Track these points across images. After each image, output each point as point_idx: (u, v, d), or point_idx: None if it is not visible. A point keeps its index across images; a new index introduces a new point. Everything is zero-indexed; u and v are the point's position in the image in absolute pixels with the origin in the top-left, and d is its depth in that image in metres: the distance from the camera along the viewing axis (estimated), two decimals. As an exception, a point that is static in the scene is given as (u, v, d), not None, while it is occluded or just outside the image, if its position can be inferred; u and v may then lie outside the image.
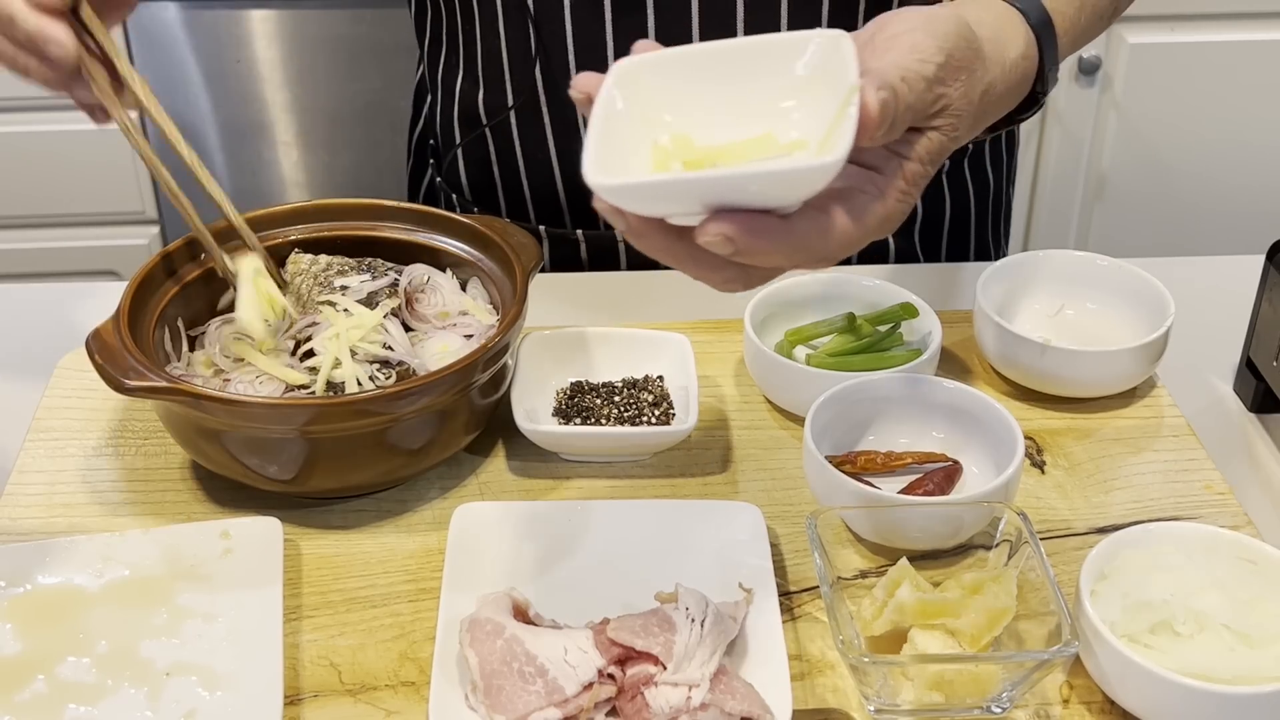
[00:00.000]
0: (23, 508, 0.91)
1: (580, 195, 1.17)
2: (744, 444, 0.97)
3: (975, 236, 1.26)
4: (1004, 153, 1.27)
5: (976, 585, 0.79)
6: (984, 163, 1.24)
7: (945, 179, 1.21)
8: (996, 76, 0.77)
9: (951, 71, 0.72)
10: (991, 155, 1.25)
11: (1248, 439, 0.98)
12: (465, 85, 1.18)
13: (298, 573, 0.86)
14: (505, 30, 1.11)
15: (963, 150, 1.21)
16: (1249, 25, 2.11)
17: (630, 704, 0.74)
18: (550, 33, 1.09)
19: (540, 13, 1.08)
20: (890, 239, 1.20)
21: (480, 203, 1.22)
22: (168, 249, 0.95)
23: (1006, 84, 0.79)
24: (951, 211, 1.23)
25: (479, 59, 1.15)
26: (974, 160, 1.23)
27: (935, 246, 1.24)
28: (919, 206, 1.20)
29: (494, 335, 0.90)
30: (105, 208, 2.17)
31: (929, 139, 0.72)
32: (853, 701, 0.78)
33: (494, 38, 1.13)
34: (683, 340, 0.99)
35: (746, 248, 0.66)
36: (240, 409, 0.84)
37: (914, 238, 1.22)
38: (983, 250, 1.28)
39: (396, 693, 0.78)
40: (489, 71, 1.15)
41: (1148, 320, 1.01)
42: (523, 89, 1.13)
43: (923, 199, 1.19)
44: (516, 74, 1.13)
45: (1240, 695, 0.72)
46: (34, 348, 1.06)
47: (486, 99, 1.16)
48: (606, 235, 1.18)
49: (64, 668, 0.78)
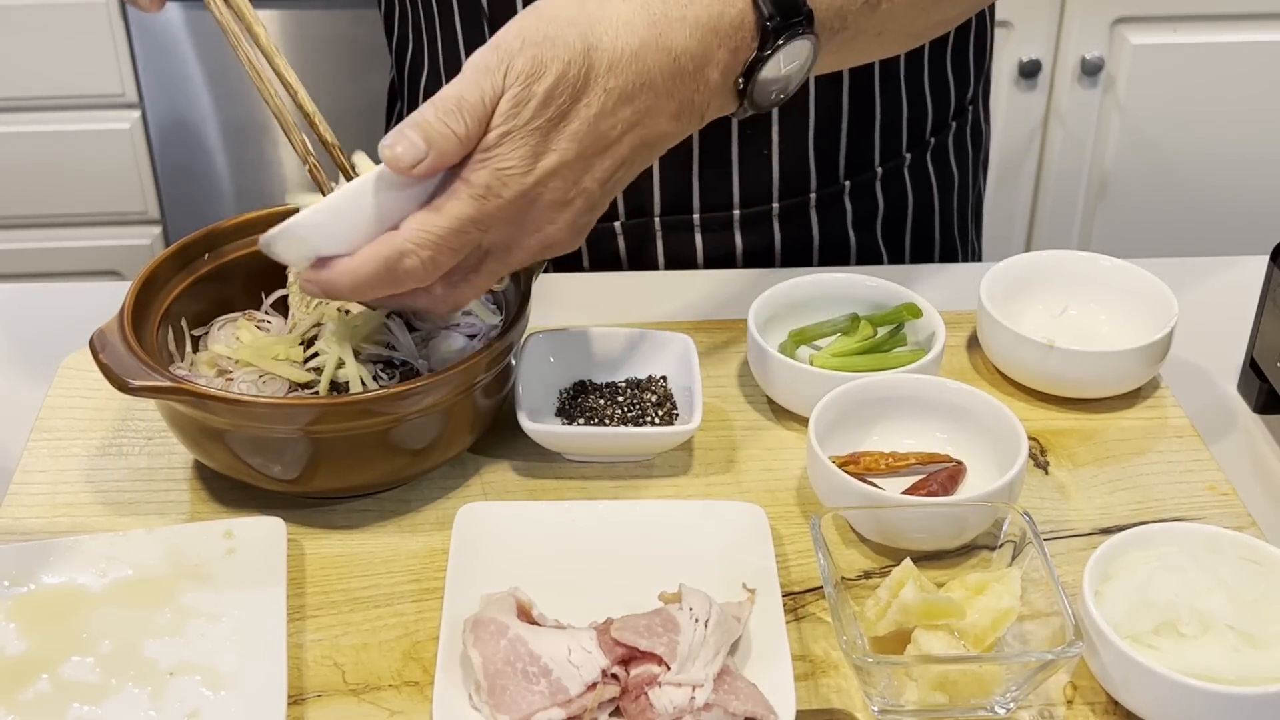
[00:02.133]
0: (26, 507, 0.91)
1: None
2: (747, 444, 0.97)
3: (941, 231, 1.25)
4: (969, 144, 1.25)
5: (980, 586, 0.79)
6: (947, 155, 1.23)
7: (907, 173, 1.20)
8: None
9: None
10: (955, 147, 1.23)
11: (1251, 440, 0.98)
12: (429, 84, 1.18)
13: (301, 572, 0.86)
14: (462, 29, 1.11)
15: (924, 144, 1.20)
16: (1252, 26, 2.11)
17: (634, 704, 0.74)
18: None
19: (495, 12, 1.08)
20: (851, 233, 1.19)
21: None
22: (171, 249, 0.95)
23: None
24: (914, 206, 1.22)
25: (441, 58, 1.15)
26: (936, 153, 1.21)
27: (899, 242, 1.23)
28: (879, 201, 1.19)
29: (497, 335, 0.90)
30: (108, 208, 2.17)
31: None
32: (856, 702, 0.78)
33: (452, 37, 1.13)
34: (686, 340, 0.99)
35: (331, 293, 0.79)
36: (244, 409, 0.84)
37: (876, 233, 1.21)
38: (949, 245, 1.27)
39: (400, 693, 0.78)
40: (451, 71, 1.14)
41: (1151, 321, 1.01)
42: None
43: (883, 193, 1.19)
44: None
45: (1245, 696, 0.72)
46: (37, 347, 1.06)
47: None
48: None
49: (67, 667, 0.78)
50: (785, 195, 1.16)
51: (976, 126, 1.27)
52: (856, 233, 1.20)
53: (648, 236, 1.17)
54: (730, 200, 1.15)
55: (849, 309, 1.02)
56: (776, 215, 1.16)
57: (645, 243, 1.17)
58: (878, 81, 1.13)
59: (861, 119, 1.15)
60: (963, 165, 1.25)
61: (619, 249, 1.18)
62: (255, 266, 0.97)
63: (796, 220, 1.17)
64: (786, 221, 1.17)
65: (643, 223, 1.16)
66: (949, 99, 1.20)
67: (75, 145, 2.10)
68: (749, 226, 1.17)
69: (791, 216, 1.17)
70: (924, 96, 1.17)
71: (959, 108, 1.22)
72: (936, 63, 1.17)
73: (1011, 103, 2.15)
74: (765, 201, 1.16)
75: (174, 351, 0.93)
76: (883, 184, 1.19)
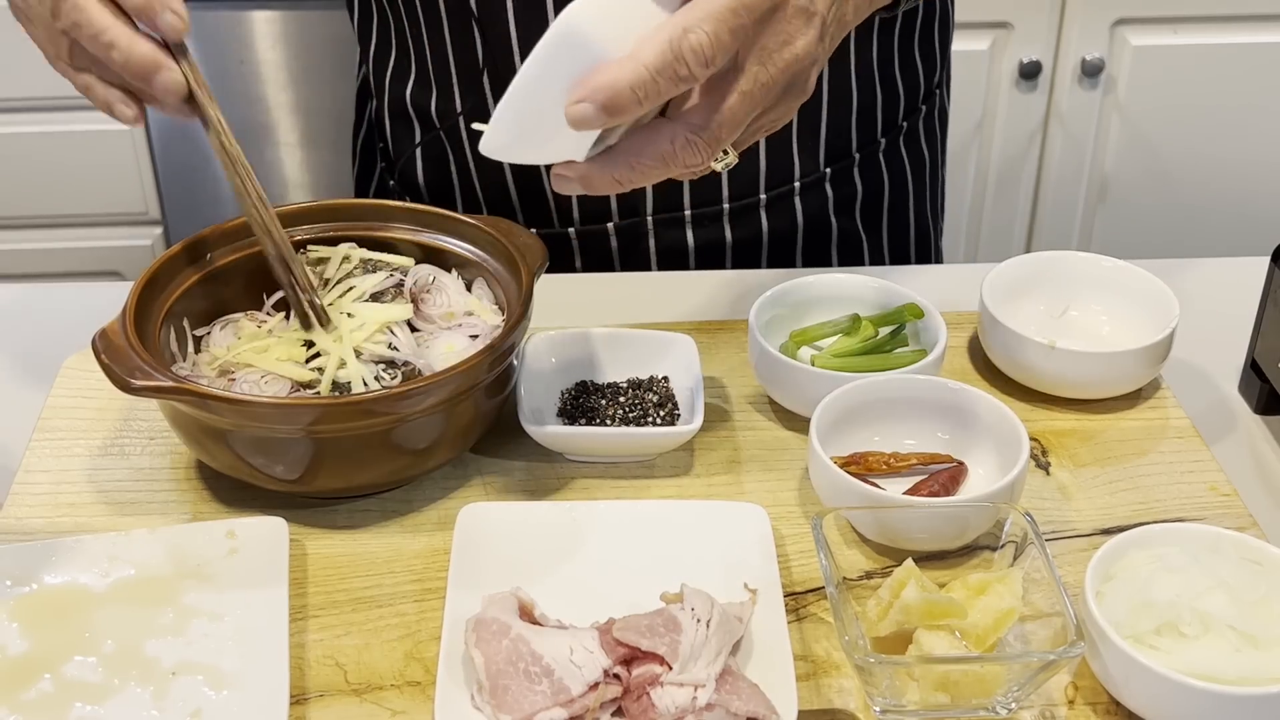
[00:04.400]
0: (29, 507, 0.91)
1: (533, 195, 1.18)
2: (749, 445, 0.97)
3: (915, 212, 1.28)
4: (937, 127, 1.29)
5: (982, 586, 0.79)
6: (918, 139, 1.26)
7: (882, 157, 1.23)
8: None
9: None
10: (925, 130, 1.27)
11: (1252, 440, 0.98)
12: (416, 90, 1.18)
13: (303, 572, 0.86)
14: (450, 33, 1.12)
15: (897, 129, 1.23)
16: (1253, 28, 2.11)
17: (636, 704, 0.74)
18: (495, 35, 1.09)
19: (484, 14, 1.09)
20: (833, 219, 1.21)
21: (436, 204, 1.22)
22: (173, 249, 0.95)
23: None
24: (890, 189, 1.25)
25: (429, 63, 1.15)
26: (909, 136, 1.25)
27: (876, 224, 1.25)
28: (858, 185, 1.22)
29: (499, 336, 0.90)
30: (109, 209, 2.17)
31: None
32: (858, 702, 0.78)
33: (440, 41, 1.13)
34: (688, 341, 0.99)
35: (610, 103, 0.72)
36: (246, 409, 0.84)
37: (855, 216, 1.23)
38: (923, 225, 1.30)
39: (402, 692, 0.79)
40: (440, 76, 1.15)
41: (1152, 322, 1.01)
42: (470, 92, 1.14)
43: (861, 177, 1.22)
44: (464, 78, 1.14)
45: (1246, 696, 0.72)
46: (40, 348, 1.06)
47: (439, 103, 1.17)
48: (559, 234, 1.19)
49: (70, 667, 0.78)
50: (771, 186, 1.18)
51: (943, 109, 1.31)
52: (838, 218, 1.22)
53: (640, 234, 1.18)
54: (720, 195, 1.17)
55: (850, 309, 1.02)
56: (763, 206, 1.19)
57: (637, 240, 1.18)
58: (854, 70, 1.16)
59: (839, 107, 1.17)
60: (932, 147, 1.29)
61: (611, 248, 1.19)
62: (256, 267, 0.98)
63: (782, 209, 1.20)
64: (773, 211, 1.20)
65: (635, 222, 1.18)
66: (919, 83, 1.24)
67: (76, 146, 2.10)
68: (737, 219, 1.19)
69: (777, 206, 1.19)
70: (895, 82, 1.20)
71: (927, 91, 1.26)
72: (905, 49, 1.20)
73: (1012, 104, 2.15)
74: (753, 194, 1.18)
75: (176, 352, 0.93)
76: (860, 169, 1.22)
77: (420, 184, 1.23)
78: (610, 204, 1.17)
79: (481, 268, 0.99)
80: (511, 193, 1.19)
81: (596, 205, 1.17)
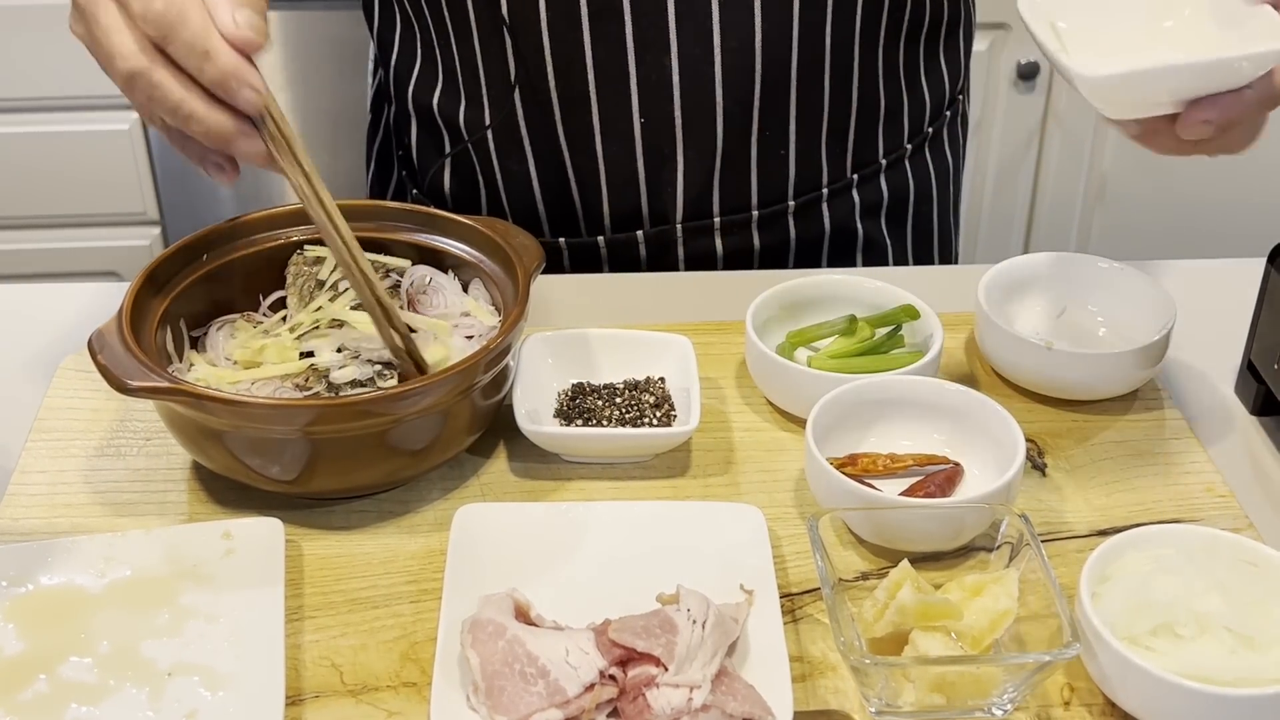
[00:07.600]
0: (25, 508, 0.91)
1: (561, 206, 1.17)
2: (745, 446, 0.97)
3: (938, 219, 1.28)
4: (960, 134, 1.29)
5: (978, 587, 0.79)
6: (942, 145, 1.26)
7: (908, 163, 1.23)
8: None
9: None
10: (949, 136, 1.27)
11: (1249, 442, 0.98)
12: (443, 100, 1.17)
13: (299, 573, 0.86)
14: (480, 43, 1.11)
15: (923, 134, 1.23)
16: (1250, 28, 2.11)
17: (632, 705, 0.74)
18: (527, 44, 1.08)
19: (515, 23, 1.08)
20: (859, 224, 1.21)
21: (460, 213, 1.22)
22: (170, 250, 0.95)
23: None
24: (915, 197, 1.25)
25: (458, 73, 1.14)
26: (933, 142, 1.25)
27: (901, 229, 1.26)
28: (884, 192, 1.22)
29: (496, 336, 0.90)
30: (107, 209, 2.17)
31: None
32: (854, 703, 0.78)
33: (470, 51, 1.12)
34: (684, 342, 0.99)
35: (1225, 123, 0.80)
36: (242, 409, 0.84)
37: (881, 222, 1.23)
38: (945, 229, 1.30)
39: (398, 694, 0.79)
40: (470, 87, 1.14)
41: (1149, 323, 1.01)
42: (501, 103, 1.13)
43: (887, 184, 1.22)
44: (494, 88, 1.13)
45: (1241, 698, 0.72)
46: (36, 348, 1.06)
47: (467, 114, 1.16)
48: (588, 242, 1.18)
49: (66, 668, 0.78)
50: (800, 193, 1.18)
51: (964, 115, 1.31)
52: (863, 223, 1.22)
53: (669, 242, 1.18)
54: (749, 202, 1.17)
55: (847, 310, 1.02)
56: (791, 213, 1.18)
57: (666, 248, 1.18)
58: (881, 76, 1.16)
59: (868, 114, 1.17)
60: (955, 152, 1.29)
61: (640, 255, 1.19)
62: (254, 267, 0.98)
63: (810, 216, 1.19)
64: (801, 218, 1.19)
65: (664, 230, 1.17)
66: (944, 90, 1.24)
67: (75, 146, 2.10)
68: (766, 225, 1.19)
69: (805, 212, 1.19)
70: (921, 89, 1.21)
71: (951, 97, 1.26)
72: (931, 55, 1.20)
73: (1010, 105, 2.15)
74: (781, 200, 1.17)
75: (172, 353, 0.93)
76: (886, 175, 1.22)
77: (447, 195, 1.22)
78: (641, 212, 1.17)
79: (478, 268, 0.99)
80: (539, 204, 1.18)
81: (626, 214, 1.17)
